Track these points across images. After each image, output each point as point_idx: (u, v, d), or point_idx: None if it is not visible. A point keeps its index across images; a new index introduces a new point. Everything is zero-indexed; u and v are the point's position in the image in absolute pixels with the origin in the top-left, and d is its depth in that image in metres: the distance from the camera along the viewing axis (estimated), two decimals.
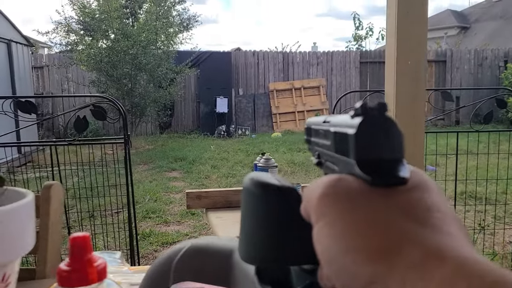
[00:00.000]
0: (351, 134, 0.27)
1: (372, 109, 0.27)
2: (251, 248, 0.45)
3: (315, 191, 0.28)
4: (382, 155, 0.27)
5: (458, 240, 0.23)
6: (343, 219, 0.25)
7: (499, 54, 12.55)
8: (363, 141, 0.27)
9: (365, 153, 0.27)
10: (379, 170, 0.26)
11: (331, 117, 0.34)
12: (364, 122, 0.27)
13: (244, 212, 0.47)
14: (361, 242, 0.24)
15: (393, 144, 0.27)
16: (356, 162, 0.27)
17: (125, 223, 2.98)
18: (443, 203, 0.26)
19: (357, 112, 0.27)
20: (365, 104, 0.27)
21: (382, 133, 0.27)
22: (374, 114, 0.27)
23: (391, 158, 0.27)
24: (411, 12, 1.79)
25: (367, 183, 0.26)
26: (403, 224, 0.24)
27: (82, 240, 0.60)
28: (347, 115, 0.29)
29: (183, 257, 0.69)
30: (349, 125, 0.28)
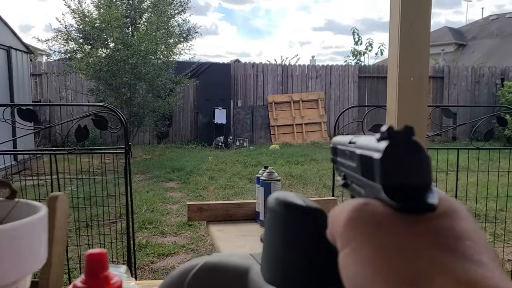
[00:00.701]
0: (376, 158, 0.26)
1: (399, 133, 0.26)
2: (274, 269, 0.44)
3: (341, 215, 0.27)
4: (409, 181, 0.26)
5: (489, 269, 0.23)
6: (370, 244, 0.25)
7: (495, 71, 12.67)
8: (389, 166, 0.26)
9: (391, 178, 0.26)
10: (406, 196, 0.26)
11: (357, 138, 0.33)
12: (390, 147, 0.26)
13: (268, 232, 0.46)
14: (388, 269, 0.23)
15: (420, 169, 0.26)
16: (381, 187, 0.26)
17: (123, 233, 2.95)
18: (473, 231, 0.25)
19: (383, 135, 0.27)
20: (392, 128, 0.27)
21: (409, 158, 0.26)
22: (400, 138, 0.26)
23: (418, 183, 0.26)
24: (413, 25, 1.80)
25: (393, 209, 0.25)
26: (432, 252, 0.23)
27: (99, 257, 0.59)
28: (373, 137, 0.28)
29: (197, 274, 0.68)
30: (375, 148, 0.27)
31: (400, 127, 0.27)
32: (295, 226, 0.42)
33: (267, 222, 0.46)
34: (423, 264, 0.23)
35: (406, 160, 0.26)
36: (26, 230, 0.59)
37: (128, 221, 2.73)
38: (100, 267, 0.57)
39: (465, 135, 11.53)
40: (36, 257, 0.61)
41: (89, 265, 0.56)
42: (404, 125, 0.26)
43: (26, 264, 0.57)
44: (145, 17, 10.28)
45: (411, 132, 0.26)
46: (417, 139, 0.26)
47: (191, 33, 10.20)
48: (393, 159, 0.26)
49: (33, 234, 0.60)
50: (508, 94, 11.18)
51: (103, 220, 3.39)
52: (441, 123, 8.42)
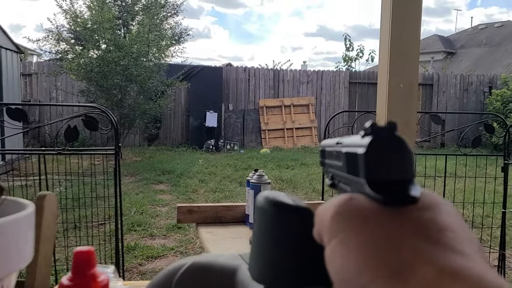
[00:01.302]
0: (360, 153, 0.27)
1: (382, 129, 0.27)
2: (263, 268, 0.44)
3: (328, 211, 0.28)
4: (392, 174, 0.26)
5: (471, 259, 0.23)
6: (356, 237, 0.25)
7: (484, 80, 12.82)
8: (373, 160, 0.26)
9: (375, 172, 0.26)
10: (389, 189, 0.26)
11: (343, 138, 0.34)
12: (373, 142, 0.27)
13: (257, 231, 0.47)
14: (375, 261, 0.23)
15: (403, 163, 0.27)
16: (366, 181, 0.27)
17: (111, 235, 2.93)
18: (457, 223, 0.26)
19: (367, 131, 0.27)
20: (375, 124, 0.27)
21: (392, 153, 0.27)
22: (383, 134, 0.27)
23: (401, 177, 0.26)
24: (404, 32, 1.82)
25: (378, 202, 0.26)
26: (415, 243, 0.24)
27: (86, 255, 0.59)
28: (358, 135, 0.29)
29: (184, 274, 0.68)
30: (359, 144, 0.28)
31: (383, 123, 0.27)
32: (284, 225, 0.42)
33: (256, 221, 0.46)
34: (406, 254, 0.23)
35: (390, 155, 0.27)
36: (12, 227, 0.58)
37: (117, 223, 2.71)
38: (87, 265, 0.56)
39: (453, 142, 11.64)
40: (22, 255, 0.61)
41: (77, 263, 0.56)
42: (388, 121, 0.27)
43: (11, 262, 0.57)
44: (137, 19, 10.25)
45: (394, 127, 0.27)
46: (400, 134, 0.27)
47: (183, 36, 10.18)
48: (377, 153, 0.27)
49: (19, 232, 0.60)
50: (496, 102, 11.32)
51: (92, 221, 3.36)
52: (429, 130, 8.50)
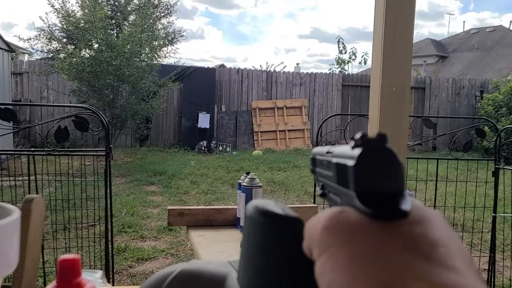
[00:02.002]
0: (350, 165, 0.26)
1: (372, 141, 0.27)
2: (251, 277, 0.44)
3: (318, 224, 0.28)
4: (382, 188, 0.26)
5: (463, 275, 0.23)
6: (346, 251, 0.25)
7: (475, 84, 12.93)
8: (363, 173, 0.26)
9: (364, 185, 0.26)
10: (379, 202, 0.26)
11: (334, 148, 0.34)
12: (363, 154, 0.26)
13: (246, 240, 0.46)
14: (365, 276, 0.23)
15: (393, 176, 0.26)
16: (355, 194, 0.26)
17: (101, 237, 2.90)
18: (447, 237, 0.25)
19: (357, 143, 0.27)
20: (365, 135, 0.27)
21: (382, 165, 0.26)
22: (374, 145, 0.26)
23: (391, 190, 0.26)
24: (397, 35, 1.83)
25: (368, 216, 0.26)
26: (406, 258, 0.23)
27: (71, 263, 0.58)
28: (349, 146, 0.28)
29: (173, 282, 0.67)
30: (349, 156, 0.27)
31: (373, 135, 0.27)
32: (273, 235, 0.42)
33: (245, 230, 0.46)
34: (398, 270, 0.23)
35: (380, 167, 0.26)
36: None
37: (107, 225, 2.69)
38: (72, 274, 0.55)
39: (445, 146, 11.72)
40: (7, 261, 0.59)
41: (61, 271, 0.55)
42: (378, 133, 0.26)
43: None
44: (130, 19, 10.21)
45: (384, 139, 0.26)
46: (390, 146, 0.27)
47: (176, 36, 10.16)
48: (367, 166, 0.26)
49: (4, 237, 0.58)
50: (487, 107, 11.42)
51: (81, 223, 3.33)
52: (421, 133, 8.54)
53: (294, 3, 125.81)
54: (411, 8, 1.85)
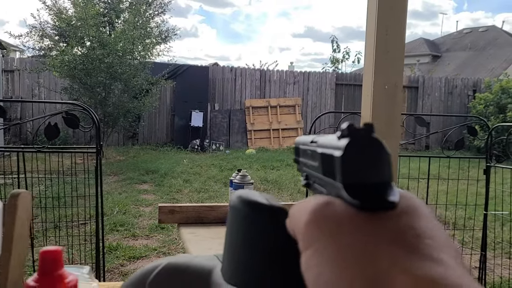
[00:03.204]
0: (337, 156, 0.26)
1: (359, 130, 0.26)
2: (237, 271, 0.43)
3: (302, 216, 0.27)
4: (370, 179, 0.26)
5: (449, 267, 0.22)
6: (332, 246, 0.24)
7: (468, 83, 13.01)
8: (350, 164, 0.26)
9: (351, 176, 0.26)
10: (367, 194, 0.25)
11: (318, 137, 0.33)
12: (350, 144, 0.26)
13: (229, 230, 0.45)
14: (350, 271, 0.23)
15: (381, 166, 0.26)
16: (342, 185, 0.26)
17: (92, 235, 2.88)
18: (435, 229, 0.25)
19: (344, 133, 0.26)
20: (352, 125, 0.26)
21: (370, 155, 0.26)
22: (361, 136, 0.26)
23: (379, 181, 0.26)
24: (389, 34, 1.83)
25: (354, 207, 0.25)
26: (393, 251, 0.23)
27: (53, 255, 0.57)
28: (334, 136, 0.28)
29: (158, 276, 0.66)
30: (335, 146, 0.27)
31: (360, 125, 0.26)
32: (257, 225, 0.41)
33: (228, 220, 0.45)
34: (384, 264, 0.22)
35: (367, 158, 0.26)
36: None
37: (97, 223, 2.67)
38: (54, 266, 0.54)
39: (438, 145, 11.78)
40: None
41: (43, 263, 0.54)
42: (364, 123, 0.26)
43: None
44: (123, 17, 10.15)
45: (371, 129, 0.26)
46: (377, 136, 0.26)
47: (170, 35, 10.11)
48: (354, 156, 0.26)
49: None
50: (479, 106, 11.49)
51: (72, 221, 3.30)
52: (414, 132, 8.58)
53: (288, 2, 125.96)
54: (403, 7, 1.85)
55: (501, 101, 11.09)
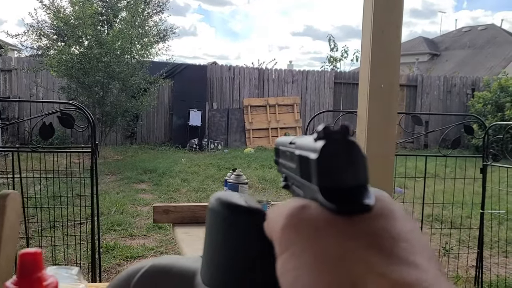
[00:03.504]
0: (313, 159, 0.26)
1: (335, 133, 0.26)
2: (215, 274, 0.43)
3: (279, 220, 0.27)
4: (345, 182, 0.25)
5: (424, 271, 0.23)
6: (309, 250, 0.24)
7: (467, 82, 13.01)
8: (326, 166, 0.25)
9: (327, 179, 0.25)
10: (343, 197, 0.25)
11: (297, 138, 0.33)
12: (326, 147, 0.26)
13: (209, 233, 0.45)
14: (326, 276, 0.23)
15: (356, 169, 0.26)
16: (318, 188, 0.26)
17: (88, 235, 2.87)
18: (410, 231, 0.25)
19: (320, 135, 0.26)
20: (328, 127, 0.26)
21: (346, 158, 0.26)
22: (336, 138, 0.26)
23: (354, 184, 0.26)
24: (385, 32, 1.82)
25: (330, 211, 0.25)
26: (369, 255, 0.23)
27: (32, 257, 0.56)
28: (312, 137, 0.28)
29: (143, 277, 0.65)
30: (312, 148, 0.27)
31: (337, 127, 0.26)
32: (235, 227, 0.40)
33: (207, 223, 0.44)
34: (360, 268, 0.22)
35: (343, 160, 0.26)
36: None
37: (93, 222, 2.66)
38: (33, 268, 0.53)
39: (436, 144, 11.78)
40: None
41: (22, 265, 0.53)
42: (341, 125, 0.26)
43: None
44: (121, 16, 10.13)
45: (347, 131, 0.26)
46: (353, 138, 0.26)
47: (168, 33, 10.09)
48: (329, 159, 0.25)
49: None
50: (478, 104, 11.49)
51: (67, 221, 3.29)
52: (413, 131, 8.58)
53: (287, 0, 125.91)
54: (399, 5, 1.85)
55: (499, 100, 11.09)
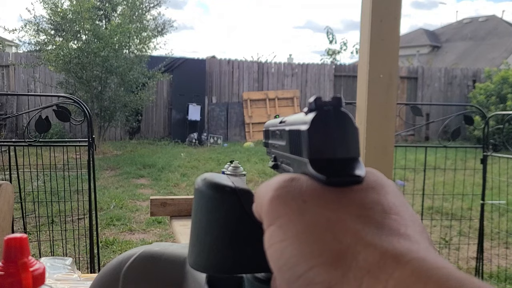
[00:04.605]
0: (303, 130, 0.25)
1: (327, 104, 0.25)
2: (200, 255, 0.41)
3: (267, 193, 0.26)
4: (336, 153, 0.25)
5: (415, 242, 0.22)
6: (297, 221, 0.24)
7: (468, 73, 12.97)
8: (316, 137, 0.25)
9: (318, 150, 0.25)
10: (333, 168, 0.25)
11: (287, 117, 0.33)
12: (317, 117, 0.25)
13: (195, 214, 0.44)
14: (313, 247, 0.22)
15: (348, 140, 0.25)
16: (308, 160, 0.25)
17: (86, 229, 2.86)
18: (401, 205, 0.25)
19: (311, 107, 0.26)
20: (320, 98, 0.26)
21: (337, 129, 0.25)
22: (328, 109, 0.25)
23: (345, 156, 0.25)
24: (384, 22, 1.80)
25: (321, 182, 0.24)
26: (358, 226, 0.23)
27: (18, 242, 0.54)
28: (302, 113, 0.27)
29: (134, 264, 0.64)
30: (302, 122, 0.26)
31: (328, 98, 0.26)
32: (221, 207, 0.39)
33: (194, 204, 0.43)
34: (349, 239, 0.22)
35: (334, 132, 0.25)
36: None
37: (91, 217, 2.65)
38: (18, 253, 0.52)
39: (438, 136, 11.77)
40: None
41: (7, 250, 0.51)
42: (333, 96, 0.26)
43: None
44: (119, 10, 10.10)
45: (339, 102, 0.25)
46: (345, 110, 0.25)
47: (166, 27, 10.06)
48: (321, 130, 0.25)
49: None
50: (479, 96, 11.47)
51: (65, 216, 3.28)
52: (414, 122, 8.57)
53: None
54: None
55: (502, 91, 11.07)
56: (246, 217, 0.32)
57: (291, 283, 0.23)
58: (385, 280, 0.20)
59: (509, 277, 3.33)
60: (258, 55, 18.65)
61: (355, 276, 0.21)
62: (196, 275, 0.58)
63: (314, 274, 0.22)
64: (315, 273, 0.22)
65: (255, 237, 0.30)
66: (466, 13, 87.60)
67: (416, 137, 12.07)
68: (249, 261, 0.36)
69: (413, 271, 0.20)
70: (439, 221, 4.24)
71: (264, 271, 0.32)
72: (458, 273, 0.20)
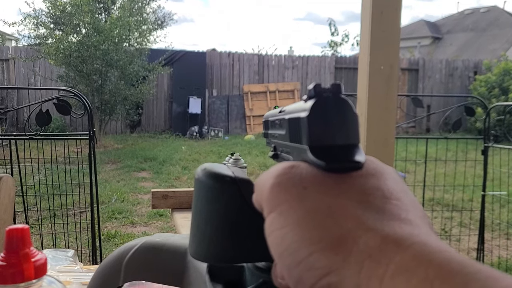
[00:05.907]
0: (302, 117, 0.26)
1: (326, 90, 0.26)
2: (201, 244, 0.42)
3: (267, 180, 0.26)
4: (336, 139, 0.25)
5: (416, 227, 0.22)
6: (297, 208, 0.24)
7: (469, 65, 12.92)
8: (316, 124, 0.25)
9: (318, 137, 0.25)
10: (333, 155, 0.25)
11: (287, 107, 0.32)
12: (317, 104, 0.25)
13: (195, 205, 0.44)
14: (313, 232, 0.22)
15: (348, 127, 0.25)
16: (308, 147, 0.25)
17: (88, 223, 2.87)
18: (402, 191, 0.25)
19: (310, 94, 0.26)
20: (319, 85, 0.26)
21: (336, 116, 0.25)
22: (328, 96, 0.25)
23: (345, 142, 0.25)
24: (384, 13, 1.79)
25: (320, 169, 0.25)
26: (359, 211, 0.23)
27: (20, 233, 0.54)
28: (302, 101, 0.27)
29: (135, 254, 0.64)
30: (302, 109, 0.26)
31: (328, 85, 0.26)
32: (222, 197, 0.39)
33: (194, 194, 0.43)
34: (349, 224, 0.22)
35: (333, 118, 0.25)
36: None
37: (92, 210, 2.65)
38: (20, 244, 0.52)
39: (439, 127, 11.76)
40: None
41: (9, 241, 0.52)
42: (332, 83, 0.26)
43: None
44: (118, 3, 10.05)
45: (338, 89, 0.26)
46: (345, 96, 0.26)
47: (166, 20, 10.02)
48: (320, 117, 0.25)
49: None
50: (480, 88, 11.43)
51: (67, 209, 3.30)
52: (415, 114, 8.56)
53: None
54: None
55: (503, 83, 11.03)
56: (246, 207, 0.32)
57: (291, 269, 0.23)
58: (386, 264, 0.20)
59: (510, 268, 3.34)
60: (258, 48, 18.62)
61: (356, 261, 0.21)
62: (197, 265, 0.59)
63: (315, 259, 0.22)
64: (315, 258, 0.22)
65: (255, 227, 0.30)
66: (467, 4, 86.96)
67: (417, 128, 12.06)
68: (249, 250, 0.36)
69: (414, 255, 0.20)
70: (440, 213, 4.24)
71: (265, 260, 0.32)
72: (459, 257, 0.20)
